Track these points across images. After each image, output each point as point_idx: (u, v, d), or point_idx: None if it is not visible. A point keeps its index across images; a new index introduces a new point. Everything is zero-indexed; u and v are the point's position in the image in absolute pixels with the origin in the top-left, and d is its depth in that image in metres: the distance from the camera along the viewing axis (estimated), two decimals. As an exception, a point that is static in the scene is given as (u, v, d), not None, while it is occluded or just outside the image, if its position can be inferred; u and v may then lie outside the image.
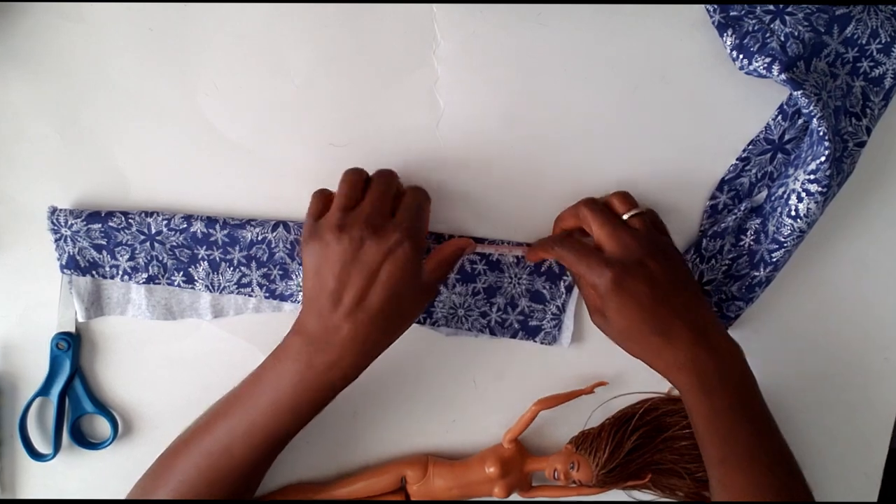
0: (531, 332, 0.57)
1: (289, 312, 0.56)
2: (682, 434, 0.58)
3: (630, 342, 0.49)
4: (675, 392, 0.59)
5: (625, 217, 0.50)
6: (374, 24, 0.51)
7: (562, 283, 0.56)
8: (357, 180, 0.47)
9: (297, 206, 0.54)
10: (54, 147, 0.53)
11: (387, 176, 0.48)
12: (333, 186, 0.53)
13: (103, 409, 0.57)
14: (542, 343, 0.57)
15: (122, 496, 0.57)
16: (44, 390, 0.55)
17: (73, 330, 0.55)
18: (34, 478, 0.59)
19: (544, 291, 0.56)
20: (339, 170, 0.53)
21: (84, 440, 0.58)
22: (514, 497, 0.58)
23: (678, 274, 0.48)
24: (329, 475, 0.59)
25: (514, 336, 0.57)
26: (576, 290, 0.56)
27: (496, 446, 0.58)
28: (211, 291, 0.55)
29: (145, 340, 0.56)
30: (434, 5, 0.51)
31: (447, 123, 0.53)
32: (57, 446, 0.57)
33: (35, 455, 0.57)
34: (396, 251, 0.44)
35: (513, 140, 0.53)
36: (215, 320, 0.56)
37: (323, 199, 0.48)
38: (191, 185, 0.54)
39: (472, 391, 0.58)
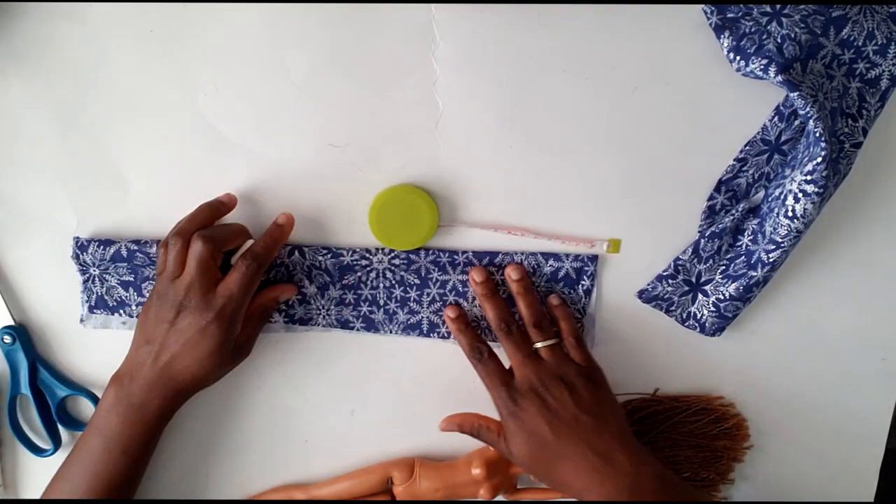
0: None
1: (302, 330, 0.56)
2: (666, 436, 0.58)
3: (533, 469, 0.50)
4: (661, 392, 0.59)
5: (536, 346, 0.52)
6: (373, 25, 0.51)
7: (580, 287, 0.56)
8: (178, 246, 0.50)
9: (297, 206, 0.54)
10: (54, 147, 0.53)
11: (201, 254, 0.49)
12: (334, 187, 0.54)
13: (80, 388, 0.57)
14: None
15: None
16: (15, 387, 0.56)
17: (11, 322, 0.55)
18: (35, 475, 0.59)
19: (563, 297, 0.56)
20: (338, 170, 0.54)
21: (76, 423, 0.58)
22: (500, 498, 0.59)
23: (583, 401, 0.49)
24: (325, 472, 0.59)
25: None
26: (594, 294, 0.56)
27: (482, 448, 0.58)
28: None
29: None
30: (433, 6, 0.51)
31: (446, 124, 0.53)
32: (56, 439, 0.57)
33: (36, 451, 0.57)
34: (207, 330, 0.49)
35: (511, 141, 0.53)
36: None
37: (163, 259, 0.51)
38: (189, 184, 0.54)
39: (471, 390, 0.58)
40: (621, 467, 0.47)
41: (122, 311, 0.55)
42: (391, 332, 0.56)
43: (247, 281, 0.50)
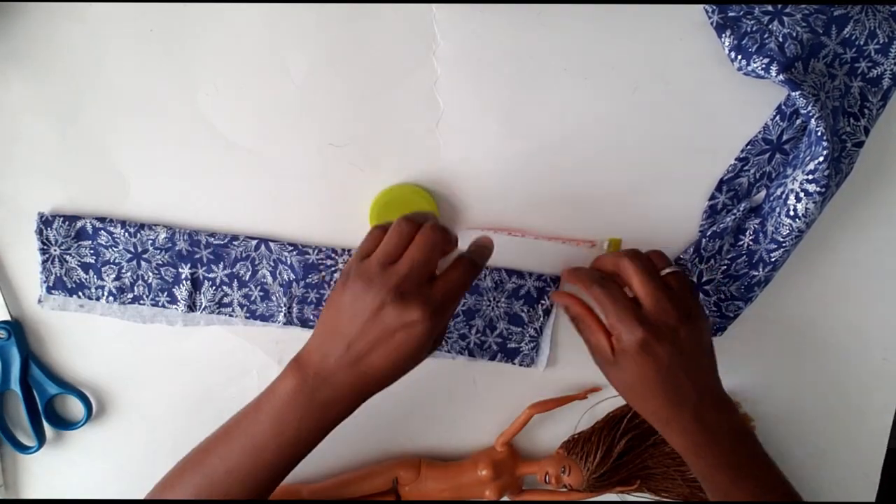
0: (509, 355, 0.57)
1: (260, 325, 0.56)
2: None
3: (634, 396, 0.50)
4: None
5: (662, 273, 0.49)
6: (374, 25, 0.51)
7: (539, 307, 0.56)
8: (408, 232, 0.45)
9: (296, 206, 0.54)
10: (54, 147, 0.53)
11: (435, 240, 0.45)
12: (334, 187, 0.54)
13: (70, 388, 0.57)
14: (520, 365, 0.57)
15: (116, 470, 0.57)
16: (4, 383, 0.56)
17: (8, 318, 0.55)
18: (36, 475, 0.59)
19: (522, 314, 0.56)
20: (338, 169, 0.53)
21: (63, 422, 0.58)
22: (505, 499, 0.59)
23: (702, 340, 0.49)
24: (326, 473, 0.59)
25: (492, 358, 0.57)
26: (553, 314, 0.56)
27: (489, 449, 0.58)
28: (192, 311, 0.55)
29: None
30: (434, 5, 0.51)
31: (446, 124, 0.53)
32: (41, 437, 0.57)
33: (21, 448, 0.57)
34: (415, 327, 0.43)
35: (512, 141, 0.53)
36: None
37: (375, 241, 0.46)
38: (190, 184, 0.54)
39: (472, 391, 0.58)
40: (717, 406, 0.48)
41: (80, 294, 0.55)
42: None
43: (469, 279, 0.46)
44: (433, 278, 0.45)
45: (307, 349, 0.46)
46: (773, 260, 0.53)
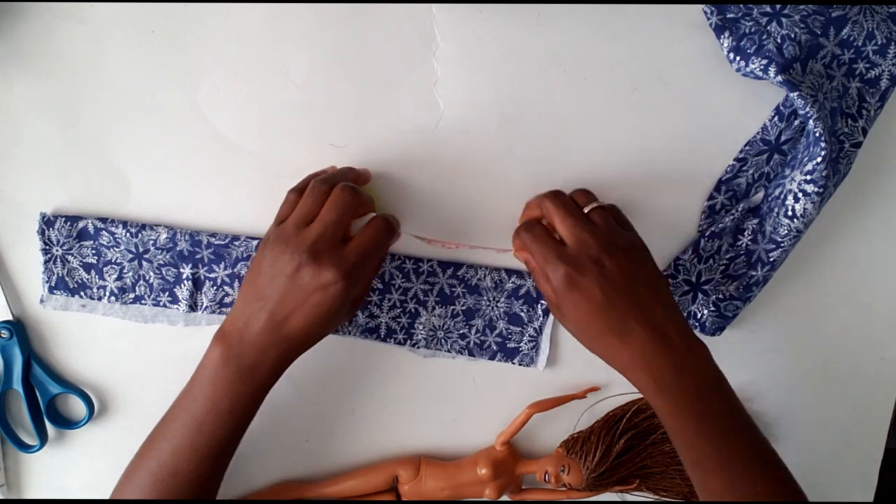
0: (509, 354, 0.57)
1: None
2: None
3: (585, 339, 0.48)
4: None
5: (586, 210, 0.48)
6: (374, 25, 0.51)
7: (539, 307, 0.56)
8: (322, 192, 0.47)
9: (298, 206, 0.54)
10: (55, 147, 0.53)
11: (345, 200, 0.46)
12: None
13: (72, 387, 0.57)
14: (519, 365, 0.57)
15: (118, 469, 0.57)
16: (7, 382, 0.56)
17: (10, 317, 0.55)
18: (37, 474, 0.59)
19: (522, 314, 0.56)
20: (339, 170, 0.54)
21: (65, 421, 0.58)
22: (505, 498, 0.59)
23: (637, 271, 0.47)
24: (326, 472, 0.59)
25: (492, 358, 0.57)
26: (553, 315, 0.56)
27: (488, 448, 0.59)
28: (193, 311, 0.56)
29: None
30: (434, 6, 0.51)
31: (447, 124, 0.53)
32: (43, 436, 0.57)
33: (23, 447, 0.57)
34: (329, 288, 0.45)
35: (512, 141, 0.53)
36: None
37: (291, 205, 0.48)
38: (191, 184, 0.54)
39: (472, 390, 0.59)
40: (676, 343, 0.45)
41: (82, 294, 0.55)
42: (349, 333, 0.56)
43: (383, 238, 0.47)
44: (348, 239, 0.46)
45: (230, 317, 0.47)
46: (771, 260, 0.53)
